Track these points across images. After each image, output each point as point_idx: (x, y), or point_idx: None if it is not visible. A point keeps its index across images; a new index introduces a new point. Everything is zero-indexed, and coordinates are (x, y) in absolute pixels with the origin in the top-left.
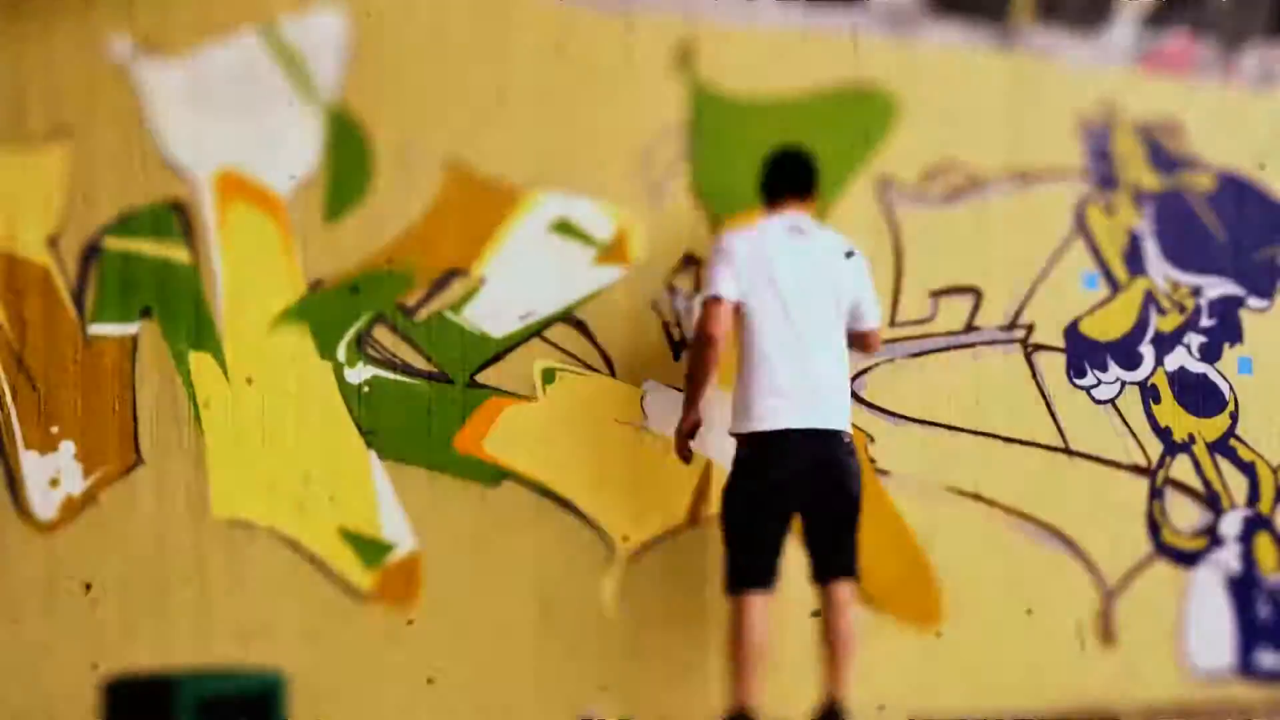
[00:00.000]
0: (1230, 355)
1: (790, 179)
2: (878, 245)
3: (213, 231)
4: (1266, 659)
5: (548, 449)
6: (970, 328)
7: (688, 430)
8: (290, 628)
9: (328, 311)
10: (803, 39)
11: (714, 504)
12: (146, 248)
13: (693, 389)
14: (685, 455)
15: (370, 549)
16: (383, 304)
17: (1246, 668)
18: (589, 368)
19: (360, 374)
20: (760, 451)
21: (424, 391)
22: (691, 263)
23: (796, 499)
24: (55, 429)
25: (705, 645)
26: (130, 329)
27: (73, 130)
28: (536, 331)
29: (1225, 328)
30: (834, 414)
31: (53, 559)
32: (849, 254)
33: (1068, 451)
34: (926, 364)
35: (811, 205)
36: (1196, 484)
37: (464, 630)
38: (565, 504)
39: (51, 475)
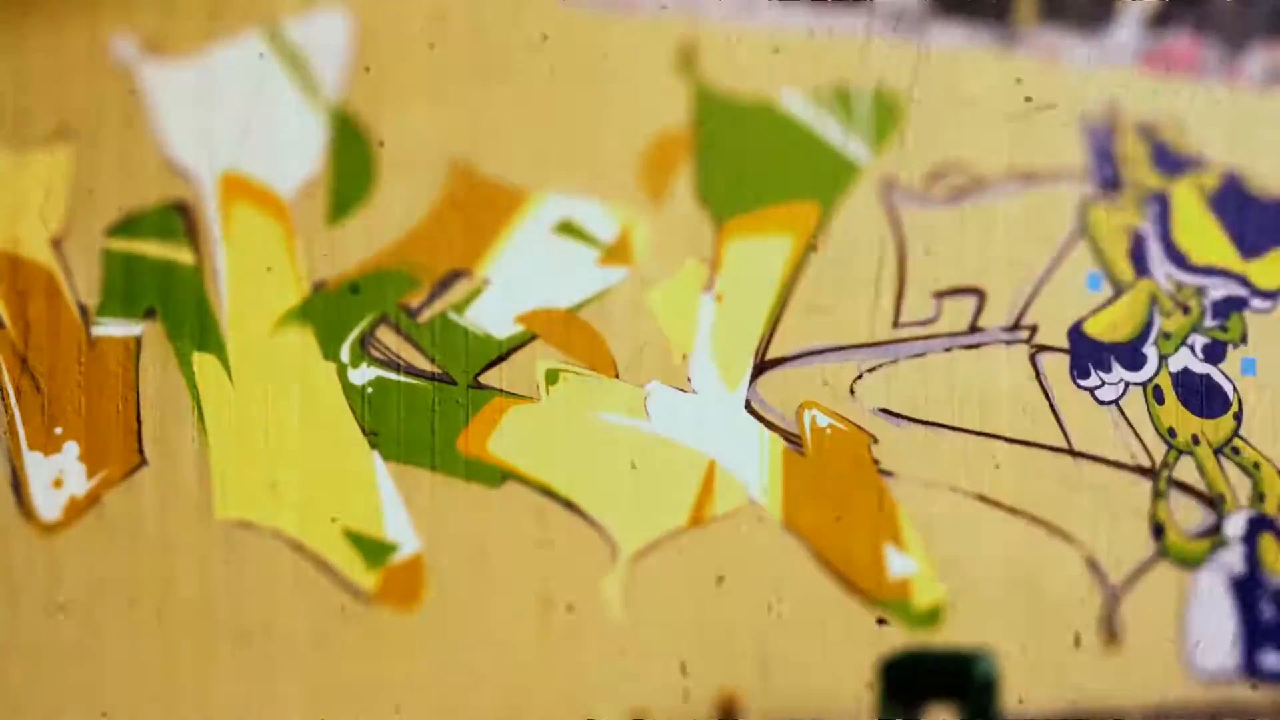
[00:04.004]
0: (1234, 356)
1: None
2: (881, 246)
3: (216, 233)
4: (1270, 660)
5: (551, 450)
6: (974, 329)
7: None
8: (293, 628)
9: (331, 313)
10: (807, 39)
11: (717, 505)
12: (150, 249)
13: None
14: None
15: (373, 550)
16: (386, 305)
17: (1250, 669)
18: (592, 369)
19: (364, 375)
20: None
21: (427, 392)
22: None
23: None
24: (59, 430)
25: (705, 646)
26: (134, 330)
27: (76, 131)
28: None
29: (1229, 329)
30: None
31: (56, 560)
32: None
33: (1072, 453)
34: (930, 365)
35: None
36: (1200, 485)
37: (466, 631)
38: (568, 505)
39: (55, 476)
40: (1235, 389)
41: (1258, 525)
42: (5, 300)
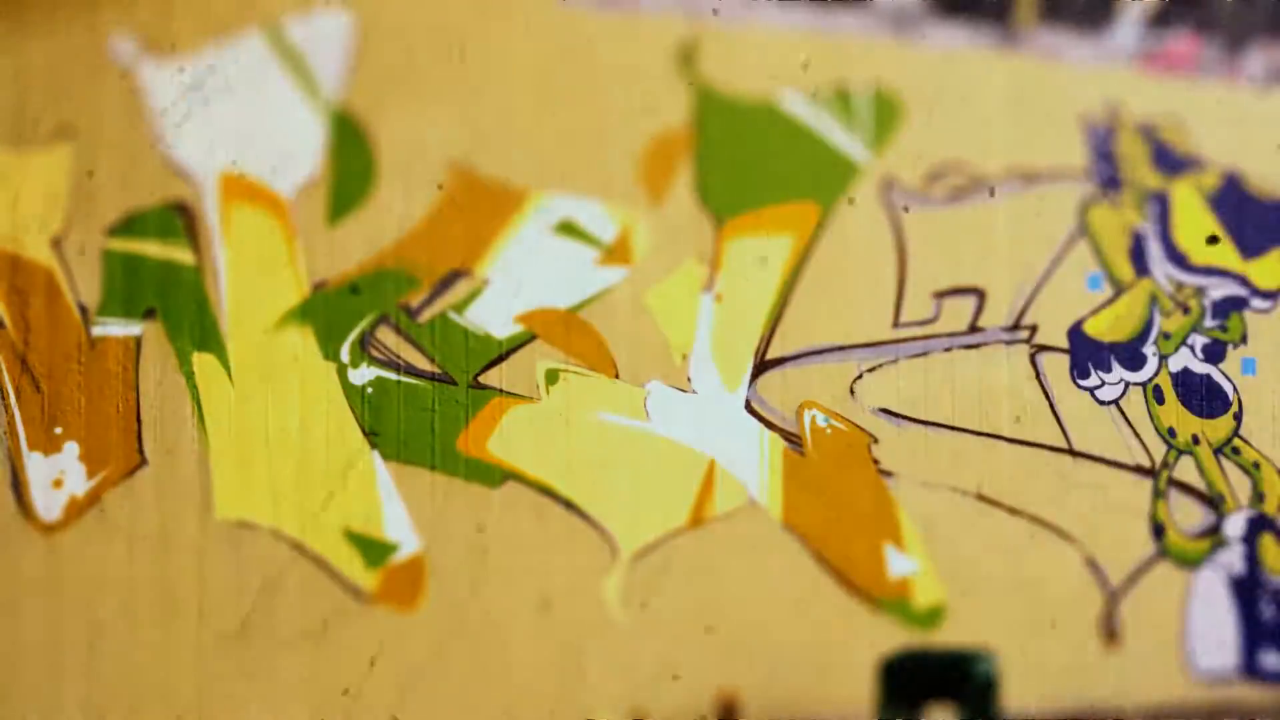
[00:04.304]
0: (1234, 356)
1: None
2: (881, 246)
3: (216, 232)
4: (1271, 660)
5: (551, 450)
6: (974, 329)
7: None
8: (293, 628)
9: (331, 313)
10: (807, 39)
11: (717, 505)
12: (150, 249)
13: None
14: None
15: (373, 550)
16: (386, 305)
17: (1251, 669)
18: (592, 369)
19: (363, 375)
20: None
21: (427, 392)
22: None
23: None
24: (59, 430)
25: (704, 646)
26: (134, 330)
27: (76, 131)
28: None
29: (1229, 329)
30: None
31: (56, 560)
32: None
33: (1072, 452)
34: (930, 365)
35: None
36: (1200, 485)
37: (466, 631)
38: (568, 505)
39: (55, 476)
40: (1235, 389)
41: (1258, 525)
42: (5, 300)
